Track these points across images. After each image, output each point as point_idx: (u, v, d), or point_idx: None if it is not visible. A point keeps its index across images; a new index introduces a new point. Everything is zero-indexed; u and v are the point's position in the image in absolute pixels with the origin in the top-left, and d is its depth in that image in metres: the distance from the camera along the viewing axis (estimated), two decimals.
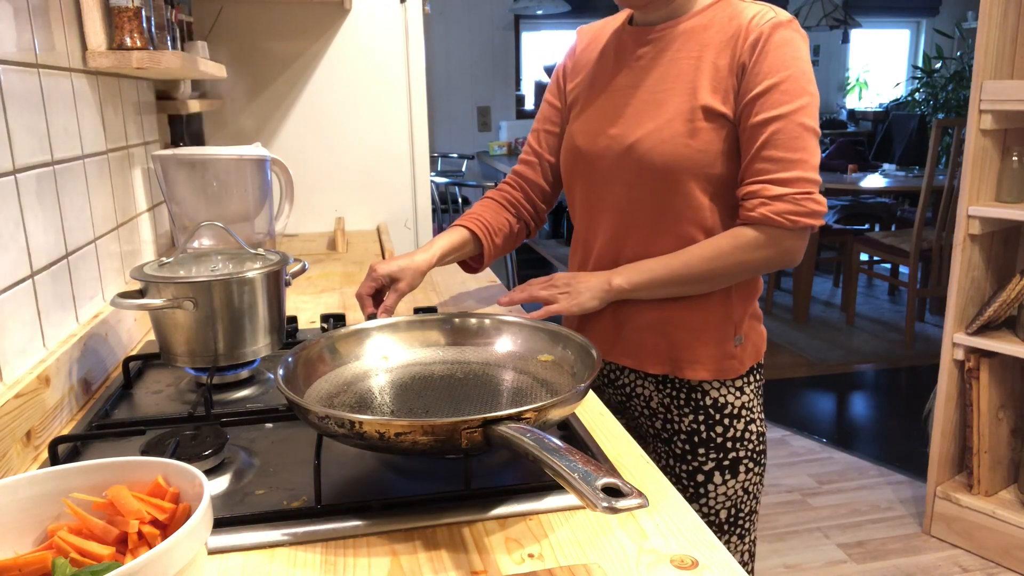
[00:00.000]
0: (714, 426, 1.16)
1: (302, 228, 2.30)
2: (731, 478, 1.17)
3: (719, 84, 1.05)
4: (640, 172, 1.10)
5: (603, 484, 0.55)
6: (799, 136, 1.03)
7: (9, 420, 0.82)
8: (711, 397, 1.16)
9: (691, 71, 1.07)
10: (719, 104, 1.05)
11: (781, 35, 1.03)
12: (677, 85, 1.08)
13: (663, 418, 1.19)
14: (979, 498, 2.28)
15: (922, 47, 7.00)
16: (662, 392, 1.18)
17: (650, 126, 1.08)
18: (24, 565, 0.52)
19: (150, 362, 1.15)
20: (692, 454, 1.17)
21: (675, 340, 1.15)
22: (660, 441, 1.21)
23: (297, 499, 0.75)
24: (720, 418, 1.16)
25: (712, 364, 1.14)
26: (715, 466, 1.16)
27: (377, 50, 2.24)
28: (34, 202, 0.98)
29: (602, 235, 1.18)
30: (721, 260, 1.07)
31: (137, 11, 1.23)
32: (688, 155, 1.06)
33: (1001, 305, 2.13)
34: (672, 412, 1.18)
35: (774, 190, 1.03)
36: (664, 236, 1.11)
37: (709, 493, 1.17)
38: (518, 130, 5.37)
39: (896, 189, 4.38)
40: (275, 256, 1.11)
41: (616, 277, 1.12)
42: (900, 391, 3.65)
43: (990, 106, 2.05)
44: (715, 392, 1.16)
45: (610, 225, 1.16)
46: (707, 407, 1.16)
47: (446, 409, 0.85)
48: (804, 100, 1.03)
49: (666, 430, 1.19)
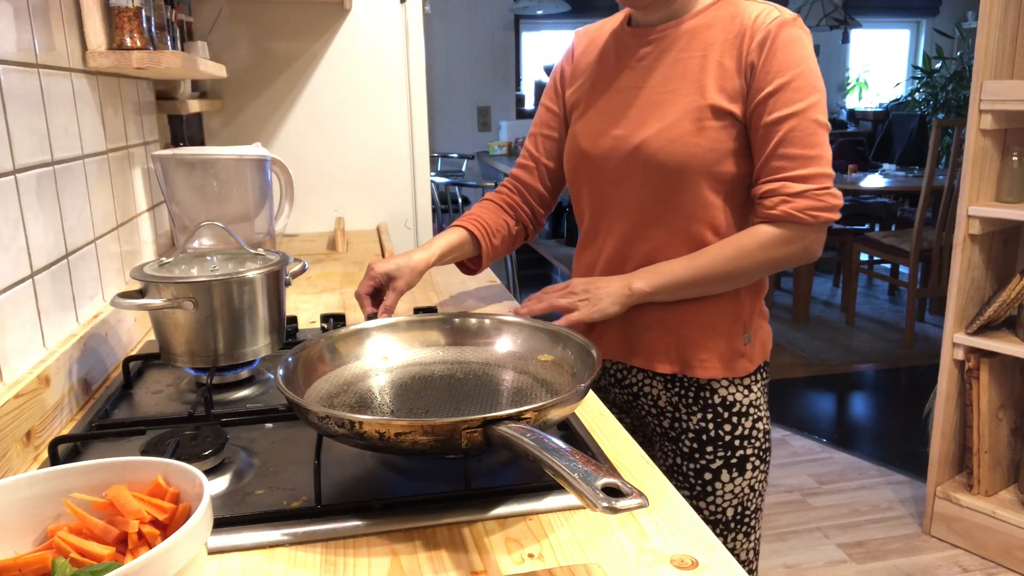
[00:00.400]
0: (722, 424, 1.16)
1: (302, 228, 2.30)
2: (738, 476, 1.17)
3: (726, 83, 1.06)
4: (648, 172, 1.09)
5: (603, 484, 0.55)
6: (813, 132, 1.04)
7: (9, 420, 0.82)
8: (719, 395, 1.16)
9: (696, 70, 1.07)
10: (727, 103, 1.05)
11: (788, 33, 1.04)
12: (683, 85, 1.08)
13: (671, 416, 1.19)
14: (979, 498, 2.28)
15: (922, 47, 7.00)
16: (670, 391, 1.18)
17: (657, 126, 1.08)
18: (24, 565, 0.52)
19: (150, 362, 1.15)
20: (700, 452, 1.17)
21: (685, 339, 1.14)
22: (667, 440, 1.21)
23: (297, 499, 0.75)
24: (728, 416, 1.16)
25: (722, 362, 1.14)
26: (723, 464, 1.17)
27: (377, 50, 2.24)
28: (34, 202, 0.98)
29: (611, 237, 1.17)
30: (745, 259, 1.08)
31: (137, 11, 1.23)
32: (697, 154, 1.06)
33: (1001, 305, 2.13)
34: (680, 411, 1.18)
35: (794, 187, 1.04)
36: (675, 236, 1.11)
37: (716, 491, 1.17)
38: (518, 130, 5.37)
39: (896, 189, 4.38)
40: (275, 256, 1.11)
41: (636, 281, 1.11)
42: (900, 391, 3.65)
43: (990, 106, 2.05)
44: (724, 390, 1.16)
45: (619, 226, 1.16)
46: (715, 405, 1.16)
47: (446, 409, 0.85)
48: (815, 97, 1.04)
49: (673, 428, 1.19)
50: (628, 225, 1.15)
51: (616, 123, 1.13)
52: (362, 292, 1.14)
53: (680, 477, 1.19)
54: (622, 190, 1.14)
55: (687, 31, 1.10)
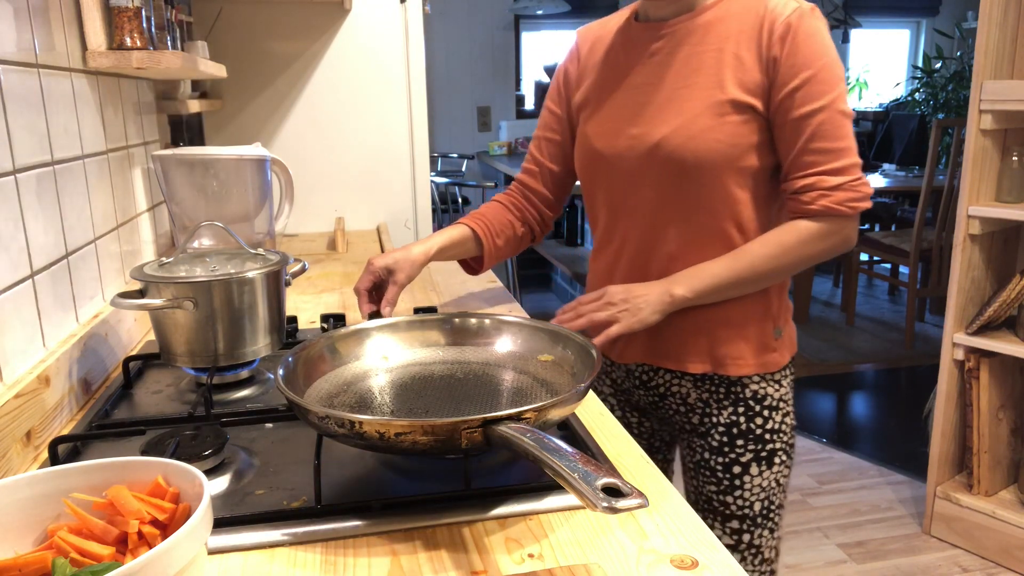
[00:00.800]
0: (754, 417, 1.15)
1: (302, 228, 2.30)
2: (767, 469, 1.17)
3: (745, 76, 1.04)
4: (668, 170, 1.08)
5: (603, 484, 0.55)
6: (841, 124, 1.04)
7: (9, 420, 0.82)
8: (751, 389, 1.15)
9: (713, 64, 1.06)
10: (747, 96, 1.04)
11: (809, 24, 1.03)
12: (699, 79, 1.06)
13: (700, 412, 1.18)
14: (979, 498, 2.28)
15: (922, 47, 6.99)
16: (700, 388, 1.17)
17: (676, 122, 1.06)
18: (24, 565, 0.52)
19: (150, 362, 1.15)
20: (730, 446, 1.16)
21: (717, 338, 1.13)
22: (696, 435, 1.20)
23: (297, 499, 0.75)
24: (760, 409, 1.15)
25: (755, 359, 1.14)
26: (753, 457, 1.16)
27: (377, 50, 2.24)
28: (34, 202, 0.98)
29: (631, 238, 1.16)
30: (787, 256, 1.07)
31: (137, 11, 1.23)
32: (719, 149, 1.05)
33: (1001, 305, 2.13)
34: (711, 406, 1.17)
35: (831, 180, 1.04)
36: (699, 234, 1.10)
37: (745, 485, 1.17)
38: (518, 130, 5.37)
39: (896, 189, 4.38)
40: (275, 256, 1.11)
41: (676, 287, 1.08)
42: (900, 391, 3.65)
43: (990, 106, 2.05)
44: (755, 384, 1.15)
45: (638, 227, 1.14)
46: (747, 399, 1.15)
47: (446, 409, 0.85)
48: (840, 88, 1.04)
49: (703, 424, 1.18)
50: (647, 225, 1.13)
51: (631, 121, 1.11)
52: (361, 287, 1.13)
53: (707, 472, 1.19)
54: (640, 189, 1.12)
55: (701, 24, 1.08)
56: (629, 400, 1.28)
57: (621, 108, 1.13)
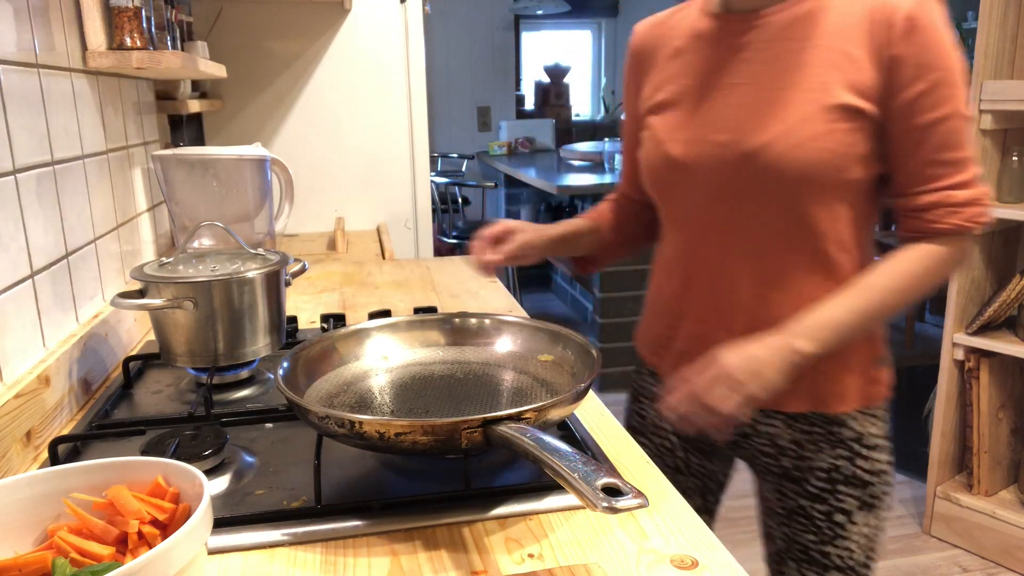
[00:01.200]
0: (856, 459, 1.02)
1: (302, 228, 2.30)
2: (871, 516, 1.04)
3: (857, 76, 0.90)
4: (761, 183, 0.93)
5: (603, 484, 0.55)
6: (966, 131, 0.91)
7: (9, 420, 0.82)
8: (853, 429, 1.01)
9: (818, 63, 0.91)
10: (859, 100, 0.90)
11: (934, 15, 0.89)
12: (802, 80, 0.91)
13: (793, 455, 1.03)
14: (979, 498, 2.28)
15: None
16: (794, 428, 1.02)
17: (777, 129, 0.91)
18: (24, 565, 0.52)
19: (150, 362, 1.15)
20: (831, 492, 1.02)
21: (821, 372, 0.97)
22: (788, 480, 1.05)
23: (297, 499, 0.75)
24: (862, 451, 1.02)
25: (858, 393, 1.01)
26: (857, 505, 1.02)
27: (377, 50, 2.24)
28: (34, 202, 0.98)
29: (708, 260, 1.01)
30: (918, 288, 0.93)
31: (137, 11, 1.23)
32: (827, 160, 0.90)
33: (1001, 305, 2.12)
34: (806, 448, 1.02)
35: (959, 195, 0.90)
36: (796, 256, 0.95)
37: (851, 534, 1.03)
38: (518, 130, 5.36)
39: None
40: (275, 256, 1.11)
41: (799, 341, 0.89)
42: (900, 391, 3.63)
43: (990, 106, 2.05)
44: (855, 423, 1.01)
45: (715, 246, 0.99)
46: (848, 440, 1.01)
47: (446, 409, 0.85)
48: (964, 88, 0.90)
49: (797, 468, 1.03)
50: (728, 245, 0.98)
51: (719, 127, 0.96)
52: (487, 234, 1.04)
53: (804, 520, 1.04)
54: (720, 203, 0.97)
55: (800, 16, 0.93)
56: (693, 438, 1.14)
57: (704, 111, 0.98)
